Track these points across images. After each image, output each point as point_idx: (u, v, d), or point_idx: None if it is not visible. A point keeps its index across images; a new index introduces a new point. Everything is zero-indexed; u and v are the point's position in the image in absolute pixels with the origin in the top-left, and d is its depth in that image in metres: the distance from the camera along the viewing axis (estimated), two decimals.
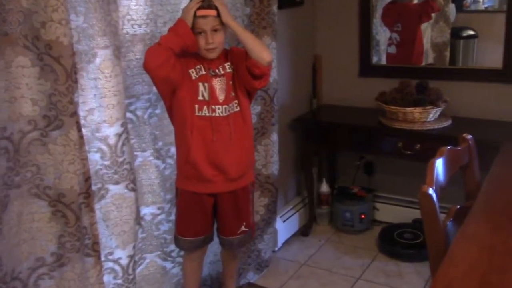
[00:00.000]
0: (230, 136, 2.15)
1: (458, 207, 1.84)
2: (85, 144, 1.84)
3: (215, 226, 2.37)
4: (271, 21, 2.67)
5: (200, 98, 2.12)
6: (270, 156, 2.84)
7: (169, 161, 2.40)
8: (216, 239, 2.39)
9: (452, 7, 3.16)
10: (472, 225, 1.60)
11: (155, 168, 2.36)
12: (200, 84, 2.12)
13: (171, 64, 2.01)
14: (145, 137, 2.32)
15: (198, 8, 2.04)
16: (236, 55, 2.19)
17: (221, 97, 2.14)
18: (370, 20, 3.29)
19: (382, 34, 3.36)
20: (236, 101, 2.18)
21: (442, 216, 1.67)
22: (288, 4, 3.07)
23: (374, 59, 3.37)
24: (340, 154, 3.59)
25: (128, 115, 2.21)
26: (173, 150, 2.35)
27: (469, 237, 1.53)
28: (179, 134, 2.19)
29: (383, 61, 3.40)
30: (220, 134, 2.14)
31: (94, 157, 1.95)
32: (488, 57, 3.11)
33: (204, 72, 2.13)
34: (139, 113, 2.28)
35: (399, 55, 3.34)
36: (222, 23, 2.08)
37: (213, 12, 2.04)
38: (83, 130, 1.87)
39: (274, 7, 2.67)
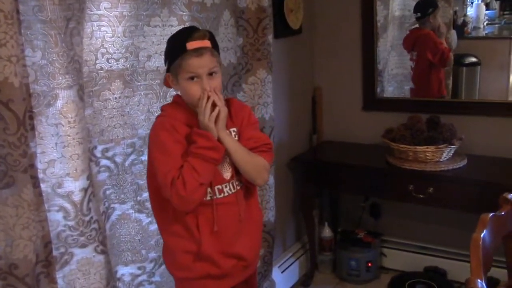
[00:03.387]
0: (239, 216, 1.71)
1: None
2: (43, 203, 1.54)
3: None
4: (267, 52, 2.41)
5: None
6: (266, 201, 2.55)
7: None
8: None
9: (453, 34, 2.95)
10: None
11: (135, 222, 2.05)
12: None
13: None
14: (124, 187, 2.01)
15: (186, 38, 1.56)
16: (244, 123, 1.74)
17: (226, 174, 1.68)
18: (374, 47, 3.02)
19: (389, 62, 3.09)
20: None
21: None
22: (284, 33, 2.81)
23: (378, 91, 3.10)
24: (343, 195, 3.29)
25: (105, 162, 1.93)
26: None
27: None
28: (174, 223, 1.68)
29: (389, 93, 3.12)
30: (229, 216, 1.69)
31: (56, 217, 1.64)
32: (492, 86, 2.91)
33: None
34: (118, 159, 1.97)
35: (415, 87, 3.08)
36: (219, 62, 1.65)
37: (207, 43, 1.58)
38: (42, 185, 1.58)
39: (270, 37, 2.41)
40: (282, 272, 2.95)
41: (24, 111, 1.39)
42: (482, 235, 1.40)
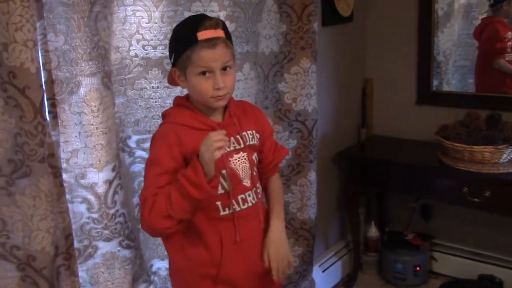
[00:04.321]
0: (261, 227, 1.55)
1: None
2: (65, 194, 1.49)
3: None
4: (311, 40, 2.26)
5: (221, 191, 1.46)
6: (306, 198, 2.42)
7: None
8: None
9: None
10: None
11: None
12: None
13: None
14: None
15: (197, 28, 1.37)
16: (266, 133, 1.62)
17: (246, 180, 1.50)
18: (432, 37, 2.81)
19: (453, 54, 2.86)
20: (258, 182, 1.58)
21: None
22: (333, 20, 2.65)
23: (435, 84, 2.88)
24: (392, 193, 3.10)
25: (140, 153, 1.86)
26: None
27: None
28: (187, 240, 1.50)
29: (452, 87, 2.90)
30: (253, 230, 1.53)
31: (79, 209, 1.59)
32: None
33: None
34: None
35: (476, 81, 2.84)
36: (233, 55, 1.46)
37: (221, 33, 1.40)
38: (65, 175, 1.54)
39: (315, 25, 2.25)
40: (323, 272, 2.82)
41: (41, 98, 1.33)
42: None
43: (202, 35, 1.36)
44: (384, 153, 2.83)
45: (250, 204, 1.50)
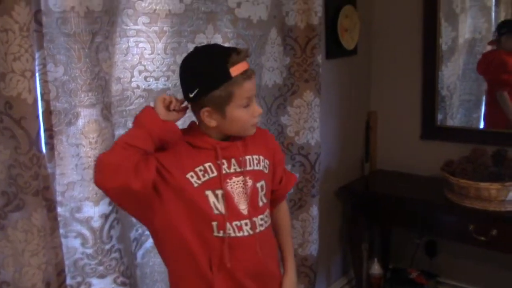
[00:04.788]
0: (258, 260, 1.46)
1: None
2: (58, 228, 1.44)
3: None
4: (315, 73, 2.24)
5: (216, 211, 1.40)
6: (308, 233, 2.37)
7: None
8: None
9: None
10: None
11: None
12: (209, 194, 1.40)
13: (133, 168, 1.27)
14: None
15: (228, 62, 1.33)
16: (276, 160, 1.58)
17: (242, 206, 1.43)
18: (436, 71, 2.79)
19: (458, 88, 2.84)
20: (267, 212, 1.52)
21: None
22: (337, 53, 2.64)
23: (439, 118, 2.85)
24: (396, 229, 3.03)
25: None
26: None
27: None
28: (181, 272, 1.46)
29: (457, 121, 2.87)
30: (246, 261, 1.45)
31: (73, 244, 1.54)
32: None
33: (214, 174, 1.41)
34: None
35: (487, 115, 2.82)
36: None
37: (248, 63, 1.40)
38: (59, 209, 1.49)
39: (319, 57, 2.24)
40: None
41: (37, 129, 1.29)
42: None
43: (238, 69, 1.33)
44: (388, 188, 2.78)
45: (246, 233, 1.42)
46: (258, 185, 1.47)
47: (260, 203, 1.47)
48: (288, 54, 2.21)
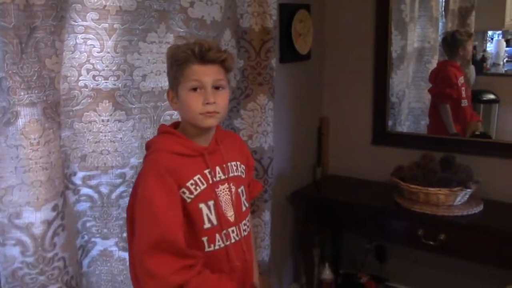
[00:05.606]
0: (245, 266, 1.49)
1: None
2: None
3: None
4: (269, 76, 2.22)
5: (207, 225, 1.39)
6: (260, 239, 2.33)
7: None
8: None
9: (472, 69, 2.75)
10: None
11: (119, 261, 1.81)
12: (203, 206, 1.39)
13: None
14: (109, 221, 1.79)
15: (190, 45, 1.36)
16: (250, 165, 1.62)
17: (229, 213, 1.44)
18: (387, 78, 2.82)
19: (407, 96, 2.89)
20: (249, 216, 1.54)
21: None
22: (291, 57, 2.62)
23: (390, 124, 2.88)
24: (346, 235, 3.05)
25: (86, 190, 1.73)
26: None
27: None
28: None
29: (406, 128, 2.91)
30: (232, 269, 1.45)
31: (11, 252, 1.43)
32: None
33: (204, 186, 1.39)
34: (103, 190, 1.76)
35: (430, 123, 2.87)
36: (228, 81, 1.42)
37: (220, 57, 1.38)
38: None
39: (273, 61, 2.21)
40: None
41: None
42: None
43: (193, 50, 1.33)
44: (339, 193, 2.77)
45: (233, 240, 1.43)
46: (239, 190, 1.48)
47: (243, 208, 1.49)
48: (242, 57, 2.18)
